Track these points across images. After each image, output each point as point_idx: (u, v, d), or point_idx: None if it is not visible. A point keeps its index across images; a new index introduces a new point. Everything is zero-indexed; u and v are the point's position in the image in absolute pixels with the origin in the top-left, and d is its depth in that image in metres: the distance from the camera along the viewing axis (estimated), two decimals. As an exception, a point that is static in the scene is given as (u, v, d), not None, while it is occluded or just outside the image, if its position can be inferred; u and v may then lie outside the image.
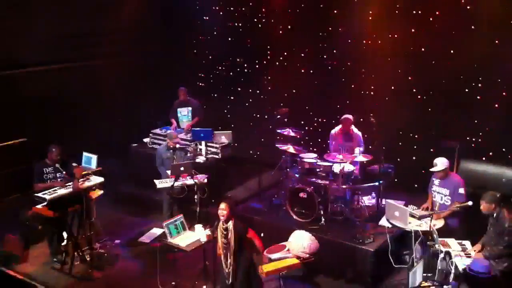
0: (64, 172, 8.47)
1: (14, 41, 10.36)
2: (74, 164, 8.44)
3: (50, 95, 10.59)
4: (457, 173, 8.31)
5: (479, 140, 9.28)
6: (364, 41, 10.18)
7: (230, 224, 6.76)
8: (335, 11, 10.44)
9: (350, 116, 9.37)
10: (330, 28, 10.56)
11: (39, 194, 8.02)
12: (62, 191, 8.16)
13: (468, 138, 9.35)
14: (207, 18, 12.11)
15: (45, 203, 7.97)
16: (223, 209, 6.77)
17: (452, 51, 9.30)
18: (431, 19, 9.40)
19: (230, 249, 6.77)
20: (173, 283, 7.67)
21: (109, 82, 11.43)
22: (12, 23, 10.29)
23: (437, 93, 9.65)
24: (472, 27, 9.00)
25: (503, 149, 9.03)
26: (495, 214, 6.85)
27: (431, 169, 7.78)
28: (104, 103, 11.38)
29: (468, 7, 9.01)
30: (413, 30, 9.63)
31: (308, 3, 10.82)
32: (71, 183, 8.26)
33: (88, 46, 11.58)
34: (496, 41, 8.79)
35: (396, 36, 9.81)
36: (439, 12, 9.31)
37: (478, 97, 9.19)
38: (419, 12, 9.50)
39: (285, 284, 7.28)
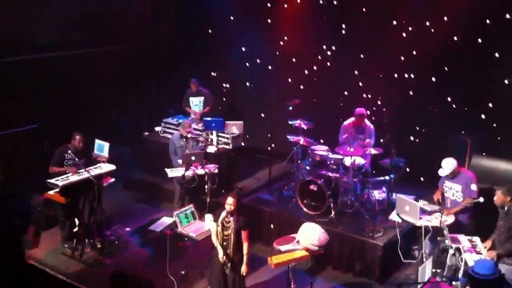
0: (82, 161, 8.47)
1: (29, 26, 10.41)
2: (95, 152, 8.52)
3: (63, 81, 10.65)
4: (468, 169, 8.26)
5: (492, 135, 9.21)
6: (380, 33, 10.10)
7: (232, 218, 6.82)
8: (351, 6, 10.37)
9: (363, 110, 9.33)
10: (342, 19, 10.47)
11: (52, 180, 8.05)
12: (74, 178, 8.20)
13: (480, 133, 9.29)
14: (221, 5, 12.03)
15: (58, 189, 8.02)
16: (230, 203, 6.82)
17: (470, 44, 9.21)
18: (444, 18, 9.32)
19: (230, 241, 6.85)
20: (183, 271, 7.72)
21: (121, 69, 11.47)
22: (27, 8, 10.31)
23: (451, 88, 9.59)
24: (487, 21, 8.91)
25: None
26: (506, 207, 6.82)
27: (439, 173, 7.68)
28: (116, 90, 11.42)
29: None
30: (427, 24, 9.56)
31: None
32: (83, 170, 8.29)
33: (102, 31, 11.61)
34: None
35: (410, 29, 9.73)
36: (456, 12, 9.22)
37: (491, 92, 9.12)
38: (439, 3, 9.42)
39: (294, 276, 7.29)
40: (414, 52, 9.76)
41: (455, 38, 9.33)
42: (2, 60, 9.99)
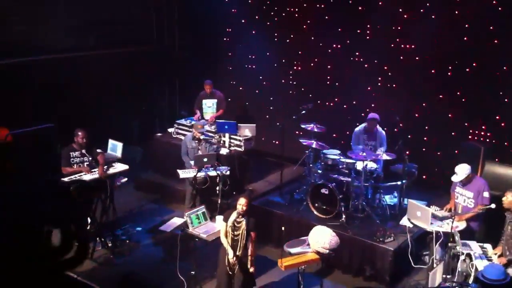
0: (90, 158, 8.57)
1: (40, 27, 10.50)
2: (98, 150, 8.56)
3: (76, 83, 10.72)
4: (481, 176, 8.22)
5: (505, 143, 9.18)
6: (393, 41, 10.11)
7: (243, 220, 6.85)
8: (365, 8, 10.37)
9: (376, 116, 9.33)
10: (359, 28, 10.49)
11: (65, 179, 8.14)
12: (87, 177, 8.28)
13: (493, 140, 9.26)
14: (235, 10, 12.10)
15: (71, 188, 8.07)
16: (242, 204, 6.87)
17: (482, 52, 9.22)
18: (458, 21, 9.33)
19: (239, 242, 6.88)
20: (192, 272, 7.75)
21: (134, 70, 11.54)
22: (37, 10, 10.43)
23: (464, 95, 9.57)
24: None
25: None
26: None
27: (452, 178, 7.64)
28: (129, 91, 11.49)
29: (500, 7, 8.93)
30: (442, 31, 9.56)
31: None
32: (96, 169, 8.39)
33: (116, 33, 11.71)
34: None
35: (424, 38, 9.73)
36: (469, 11, 9.22)
37: (506, 100, 9.10)
38: (450, 12, 9.43)
39: (304, 279, 7.30)
40: (427, 57, 9.76)
41: (466, 39, 9.29)
42: (13, 61, 10.08)
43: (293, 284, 7.41)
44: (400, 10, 9.93)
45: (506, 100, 9.11)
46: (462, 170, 7.54)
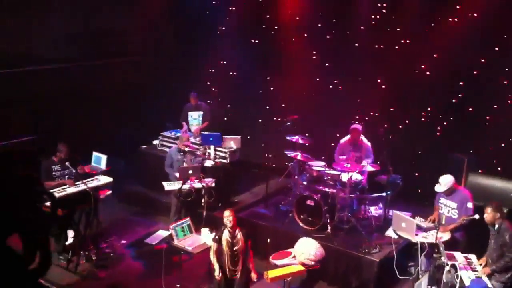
0: (73, 170, 8.49)
1: (28, 38, 10.45)
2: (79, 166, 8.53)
3: (61, 93, 10.66)
4: (465, 187, 8.30)
5: (488, 154, 9.29)
6: (374, 51, 10.21)
7: (238, 233, 6.83)
8: (345, 20, 10.46)
9: (359, 126, 9.38)
10: (342, 35, 10.58)
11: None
12: (71, 190, 8.20)
13: (476, 152, 9.36)
14: (222, 26, 12.15)
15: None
16: (228, 216, 6.84)
17: (462, 64, 9.35)
18: (442, 30, 9.47)
19: (241, 255, 6.85)
20: (178, 285, 7.70)
21: (119, 82, 11.51)
22: (26, 20, 10.38)
23: (447, 106, 9.68)
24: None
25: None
26: (496, 226, 6.85)
27: (435, 188, 7.71)
28: (114, 102, 11.44)
29: (475, 14, 9.06)
30: (426, 40, 9.68)
31: (320, 10, 10.84)
32: (80, 182, 8.31)
33: (102, 45, 11.68)
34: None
35: (406, 46, 9.84)
36: (453, 21, 9.35)
37: (488, 114, 9.22)
38: (432, 25, 9.55)
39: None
40: (414, 70, 9.86)
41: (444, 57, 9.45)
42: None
43: (279, 296, 7.39)
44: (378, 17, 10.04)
45: (493, 107, 9.20)
46: (445, 181, 7.62)
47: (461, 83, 9.49)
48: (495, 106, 9.25)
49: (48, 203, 7.90)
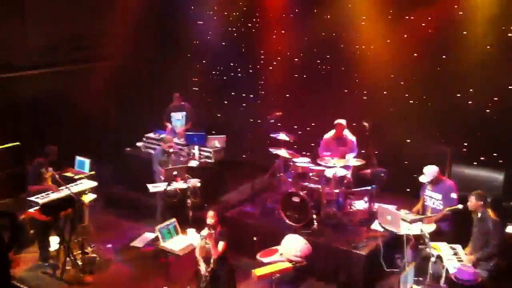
0: (57, 176, 8.42)
1: (9, 44, 10.35)
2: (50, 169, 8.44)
3: (44, 99, 10.57)
4: (449, 178, 8.34)
5: (471, 145, 9.34)
6: (357, 46, 10.25)
7: (214, 231, 6.85)
8: (328, 16, 10.49)
9: (342, 121, 9.37)
10: (323, 33, 10.60)
11: (32, 198, 7.99)
12: (54, 195, 8.13)
13: (460, 142, 9.41)
14: (202, 22, 12.12)
15: (38, 207, 7.94)
16: (211, 216, 6.86)
17: (444, 57, 9.42)
18: (423, 24, 9.50)
19: (211, 255, 6.84)
20: (165, 287, 7.65)
21: (102, 86, 11.42)
22: (7, 26, 10.29)
23: (429, 98, 9.73)
24: (464, 32, 9.12)
25: (495, 154, 9.09)
26: (479, 214, 6.91)
27: (420, 179, 7.77)
28: (97, 107, 11.36)
29: (460, 13, 9.12)
30: (405, 36, 9.73)
31: (302, 8, 10.88)
32: (64, 187, 8.24)
33: (82, 49, 11.60)
34: (488, 47, 8.90)
35: (388, 41, 9.90)
36: (431, 17, 9.41)
37: (470, 102, 9.27)
38: (412, 18, 9.61)
39: (278, 288, 7.28)
40: (397, 60, 9.90)
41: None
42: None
43: (267, 294, 7.38)
44: (364, 17, 10.07)
45: (470, 102, 9.27)
46: (429, 171, 7.67)
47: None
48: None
49: (32, 209, 7.93)
